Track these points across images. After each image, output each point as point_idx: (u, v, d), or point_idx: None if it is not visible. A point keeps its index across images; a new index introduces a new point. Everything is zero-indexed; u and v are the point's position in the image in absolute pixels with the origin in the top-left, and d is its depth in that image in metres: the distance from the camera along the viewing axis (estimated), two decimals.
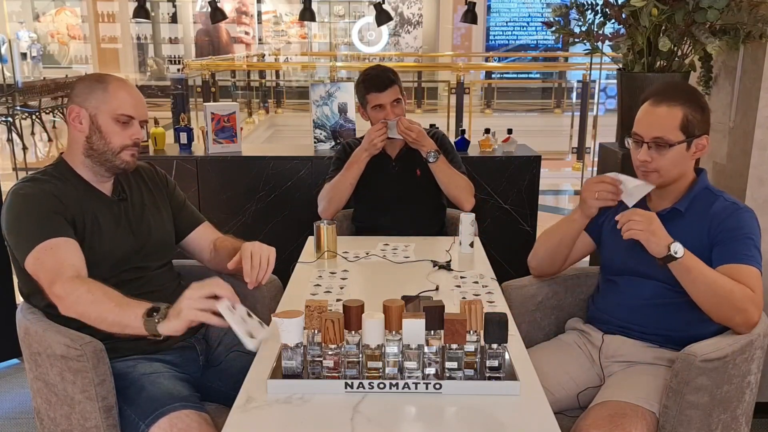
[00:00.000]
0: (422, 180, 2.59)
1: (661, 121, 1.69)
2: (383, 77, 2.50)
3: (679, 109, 1.68)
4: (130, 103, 1.71)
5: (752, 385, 1.66)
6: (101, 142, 1.70)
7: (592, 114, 7.30)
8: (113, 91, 1.70)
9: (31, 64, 13.04)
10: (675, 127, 1.68)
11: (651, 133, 1.70)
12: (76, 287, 1.53)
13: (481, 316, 1.38)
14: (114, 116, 1.69)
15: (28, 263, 1.59)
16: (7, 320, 2.05)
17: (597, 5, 2.70)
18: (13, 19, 13.77)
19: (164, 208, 1.90)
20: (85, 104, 1.70)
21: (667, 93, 1.72)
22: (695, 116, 1.69)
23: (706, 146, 1.73)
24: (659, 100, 1.71)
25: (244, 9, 13.74)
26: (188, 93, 7.52)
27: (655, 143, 1.69)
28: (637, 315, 1.79)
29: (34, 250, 1.57)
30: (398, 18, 13.05)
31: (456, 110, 7.10)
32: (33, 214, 1.62)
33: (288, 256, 2.19)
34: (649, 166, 1.71)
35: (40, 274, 1.57)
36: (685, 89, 1.77)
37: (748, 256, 1.64)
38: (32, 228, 1.60)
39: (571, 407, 1.77)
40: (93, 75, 1.77)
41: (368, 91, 2.52)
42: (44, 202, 1.64)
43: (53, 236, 1.59)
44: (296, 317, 1.37)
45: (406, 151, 2.61)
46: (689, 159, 1.73)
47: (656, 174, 1.72)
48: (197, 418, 1.51)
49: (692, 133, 1.69)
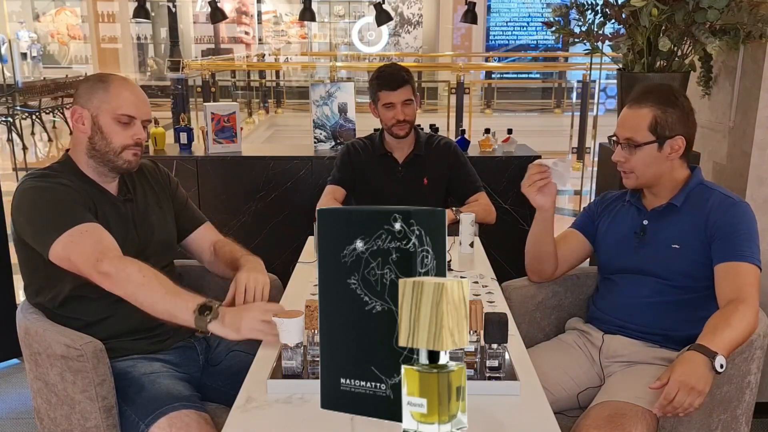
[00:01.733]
0: (429, 188, 2.59)
1: (631, 122, 1.76)
2: (397, 76, 2.50)
3: (648, 110, 1.73)
4: (132, 103, 1.71)
5: (752, 385, 1.66)
6: (103, 143, 1.70)
7: (592, 114, 7.29)
8: (114, 91, 1.70)
9: (31, 64, 13.05)
10: (644, 128, 1.73)
11: (623, 134, 1.77)
12: (126, 265, 1.54)
13: (481, 316, 1.38)
14: (115, 116, 1.69)
15: (56, 250, 1.57)
16: (7, 320, 2.05)
17: (597, 5, 2.69)
18: (13, 19, 13.78)
19: (167, 207, 1.90)
20: (87, 105, 1.70)
21: (641, 95, 1.77)
22: (666, 117, 1.72)
23: (682, 147, 1.75)
24: (633, 103, 1.78)
25: (244, 9, 13.75)
26: (188, 93, 7.52)
27: (627, 143, 1.76)
28: (636, 314, 1.79)
29: (63, 236, 1.56)
30: (398, 18, 13.05)
31: (456, 110, 7.09)
32: (54, 204, 1.61)
33: (288, 256, 2.19)
34: (624, 166, 1.78)
35: (77, 257, 1.55)
36: (661, 91, 1.79)
37: (746, 254, 1.65)
38: (56, 216, 1.59)
39: (571, 407, 1.77)
40: (97, 75, 1.76)
41: (380, 88, 2.51)
42: (63, 193, 1.64)
43: (83, 221, 1.59)
44: (296, 317, 1.38)
45: (413, 156, 2.61)
46: (664, 160, 1.75)
47: (633, 175, 1.78)
48: (197, 418, 1.51)
49: (662, 134, 1.72)
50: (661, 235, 1.78)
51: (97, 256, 1.54)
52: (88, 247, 1.56)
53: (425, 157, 2.60)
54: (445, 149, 2.64)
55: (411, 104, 2.52)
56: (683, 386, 1.43)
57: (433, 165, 2.61)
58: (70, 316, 1.67)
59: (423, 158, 2.60)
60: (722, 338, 1.51)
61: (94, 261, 1.54)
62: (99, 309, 1.67)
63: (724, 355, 1.48)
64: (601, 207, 1.97)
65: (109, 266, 1.53)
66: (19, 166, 6.36)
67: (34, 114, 9.05)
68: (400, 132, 2.53)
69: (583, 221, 1.99)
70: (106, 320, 1.69)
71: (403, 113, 2.50)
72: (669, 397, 1.43)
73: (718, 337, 1.51)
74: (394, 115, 2.50)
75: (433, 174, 2.60)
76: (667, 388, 1.44)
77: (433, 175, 2.59)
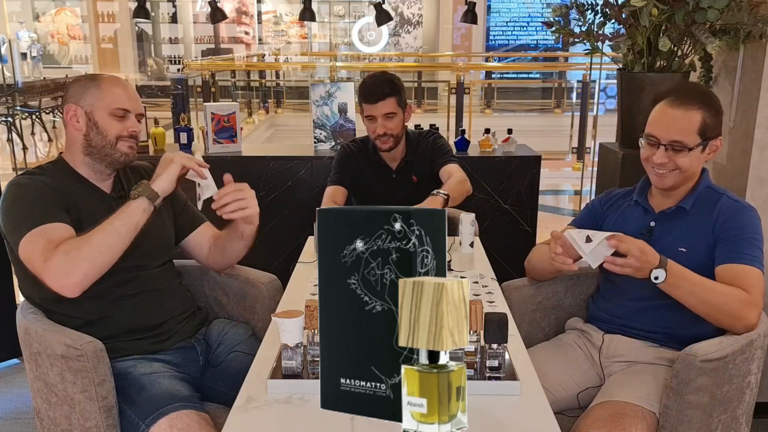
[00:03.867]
0: (419, 185, 2.58)
1: (679, 124, 1.68)
2: (377, 89, 2.42)
3: (698, 112, 1.67)
4: (125, 97, 1.76)
5: (752, 385, 1.66)
6: (99, 137, 1.73)
7: (592, 114, 7.28)
8: (107, 88, 1.74)
9: (31, 64, 13.03)
10: (693, 132, 1.67)
11: (669, 136, 1.68)
12: (59, 250, 1.54)
13: (481, 316, 1.38)
14: (110, 111, 1.73)
15: (22, 249, 1.59)
16: (7, 320, 2.05)
17: (597, 5, 2.70)
18: (13, 19, 13.76)
19: (164, 209, 1.90)
20: (81, 102, 1.73)
21: (685, 95, 1.70)
22: (712, 119, 1.68)
23: (719, 147, 1.73)
24: (677, 103, 1.69)
25: (244, 9, 13.74)
26: (188, 93, 7.52)
27: (672, 147, 1.68)
28: (637, 314, 1.79)
29: (26, 235, 1.58)
30: (398, 18, 13.04)
31: (456, 110, 7.09)
32: (26, 202, 1.64)
33: (288, 256, 2.19)
34: (666, 167, 1.70)
35: (34, 260, 1.57)
36: (703, 91, 1.76)
37: (750, 257, 1.64)
38: (25, 215, 1.62)
39: (571, 407, 1.77)
40: (86, 75, 1.82)
41: (361, 100, 2.47)
42: (38, 191, 1.66)
43: (46, 222, 1.60)
44: (296, 317, 1.38)
45: (405, 163, 2.60)
46: (702, 160, 1.73)
47: (673, 176, 1.71)
48: (197, 419, 1.51)
49: (708, 136, 1.69)
50: (668, 238, 1.75)
51: (45, 255, 1.54)
52: (39, 247, 1.56)
53: (414, 161, 2.59)
54: (426, 144, 2.59)
55: (394, 118, 2.44)
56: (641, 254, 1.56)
57: (420, 163, 2.59)
58: (68, 314, 1.66)
59: (413, 162, 2.59)
60: (691, 277, 1.59)
61: (43, 262, 1.54)
62: (98, 308, 1.67)
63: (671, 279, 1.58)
64: (606, 205, 1.94)
65: (52, 261, 1.53)
66: (19, 166, 6.35)
67: (34, 114, 9.06)
68: (384, 146, 2.49)
69: (584, 219, 1.97)
70: (106, 319, 1.69)
71: (384, 127, 2.43)
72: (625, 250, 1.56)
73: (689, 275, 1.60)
74: (374, 129, 2.45)
75: (421, 170, 2.58)
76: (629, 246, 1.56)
77: (420, 171, 2.57)
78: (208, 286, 2.07)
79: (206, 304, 2.05)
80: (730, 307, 1.58)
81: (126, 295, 1.73)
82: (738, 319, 1.58)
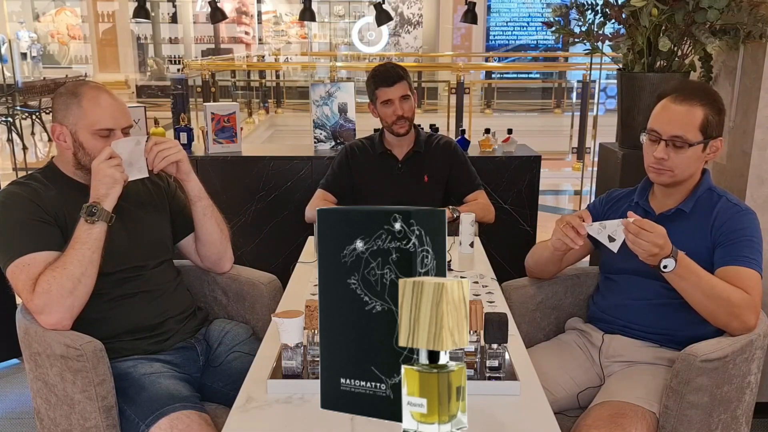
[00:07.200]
0: (429, 186, 2.59)
1: (681, 119, 1.67)
2: (392, 73, 2.52)
3: (700, 108, 1.66)
4: (108, 115, 1.69)
5: (752, 385, 1.66)
6: (87, 158, 1.70)
7: (592, 114, 7.28)
8: (87, 106, 1.68)
9: (31, 64, 13.03)
10: (695, 127, 1.66)
11: (670, 131, 1.67)
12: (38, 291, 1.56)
13: (481, 316, 1.38)
14: (92, 132, 1.69)
15: (8, 276, 1.63)
16: (7, 320, 2.04)
17: (597, 5, 2.70)
18: (13, 19, 13.77)
19: (163, 209, 1.90)
20: (65, 122, 1.70)
21: (689, 91, 1.70)
22: (714, 118, 1.68)
23: (719, 148, 1.72)
24: (680, 98, 1.68)
25: (244, 9, 13.74)
26: (188, 93, 7.51)
27: (673, 142, 1.67)
28: (637, 314, 1.78)
29: (12, 265, 1.60)
30: (398, 18, 13.04)
31: (456, 110, 7.09)
32: (13, 224, 1.63)
33: (288, 256, 2.19)
34: (665, 163, 1.69)
35: (20, 293, 1.61)
36: (707, 89, 1.75)
37: (749, 259, 1.63)
38: (9, 240, 1.62)
39: (571, 407, 1.77)
40: (69, 87, 1.73)
41: (377, 86, 2.53)
42: (26, 208, 1.64)
43: (30, 250, 1.60)
44: (296, 317, 1.38)
45: (413, 153, 2.61)
46: (702, 160, 1.72)
47: (670, 173, 1.71)
48: (197, 419, 1.51)
49: (710, 135, 1.68)
50: None
51: (26, 296, 1.59)
52: (21, 284, 1.59)
53: (425, 155, 2.61)
54: (446, 147, 2.65)
55: (409, 100, 2.53)
56: (663, 237, 1.55)
57: (433, 163, 2.61)
58: None
59: (423, 156, 2.60)
60: (698, 271, 1.58)
61: (26, 302, 1.59)
62: (97, 308, 1.67)
63: (679, 270, 1.57)
64: (606, 206, 1.94)
65: (37, 299, 1.56)
66: (19, 166, 6.35)
67: (34, 114, 9.05)
68: (401, 130, 2.54)
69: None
70: (105, 319, 1.69)
71: (402, 108, 2.51)
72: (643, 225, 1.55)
73: (696, 268, 1.59)
74: (393, 111, 2.51)
75: (434, 171, 2.60)
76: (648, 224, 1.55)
77: (433, 172, 2.60)
78: (208, 286, 2.07)
79: (206, 304, 2.05)
80: (732, 304, 1.58)
81: (125, 295, 1.73)
82: (737, 318, 1.58)
